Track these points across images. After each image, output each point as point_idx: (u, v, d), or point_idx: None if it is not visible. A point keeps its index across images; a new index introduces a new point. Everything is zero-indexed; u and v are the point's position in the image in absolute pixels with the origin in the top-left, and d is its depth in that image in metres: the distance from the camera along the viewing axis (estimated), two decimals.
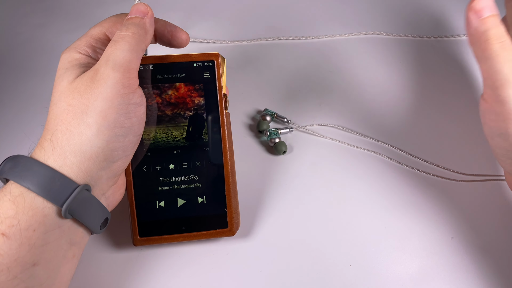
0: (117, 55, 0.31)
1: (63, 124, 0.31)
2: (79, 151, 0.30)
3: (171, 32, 0.37)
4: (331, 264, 0.38)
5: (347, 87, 0.52)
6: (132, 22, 0.33)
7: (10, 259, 0.28)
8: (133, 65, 0.32)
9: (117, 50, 0.31)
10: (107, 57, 0.31)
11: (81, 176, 0.31)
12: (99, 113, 0.30)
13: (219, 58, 0.37)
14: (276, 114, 0.48)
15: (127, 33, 0.32)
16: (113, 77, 0.31)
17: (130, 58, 0.31)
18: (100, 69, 0.31)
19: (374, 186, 0.43)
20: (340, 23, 0.60)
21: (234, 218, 0.37)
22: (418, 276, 0.37)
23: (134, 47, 0.32)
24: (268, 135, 0.46)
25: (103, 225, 0.33)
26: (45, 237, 0.29)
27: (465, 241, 0.39)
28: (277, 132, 0.46)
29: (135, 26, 0.33)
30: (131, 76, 0.32)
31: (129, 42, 0.32)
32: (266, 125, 0.46)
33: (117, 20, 0.36)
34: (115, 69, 0.31)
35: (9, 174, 0.29)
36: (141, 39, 0.33)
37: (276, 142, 0.45)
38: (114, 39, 0.32)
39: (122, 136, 0.32)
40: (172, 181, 0.37)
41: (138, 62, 0.33)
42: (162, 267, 0.37)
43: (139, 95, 0.33)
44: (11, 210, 0.28)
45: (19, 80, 0.52)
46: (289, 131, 0.47)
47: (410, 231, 0.40)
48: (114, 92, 0.31)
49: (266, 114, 0.47)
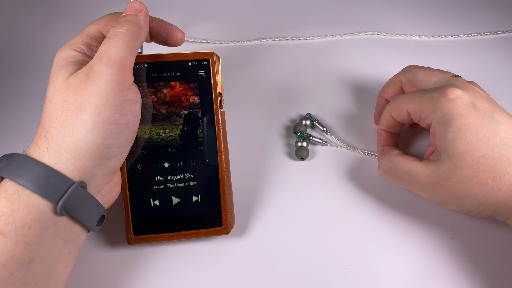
0: (111, 52, 0.31)
1: (58, 121, 0.31)
2: (74, 148, 0.30)
3: (167, 31, 0.38)
4: (330, 264, 0.38)
5: (347, 87, 0.52)
6: (126, 20, 0.34)
7: (6, 256, 0.28)
8: (128, 62, 0.32)
9: (111, 47, 0.31)
10: (102, 54, 0.31)
11: (76, 173, 0.31)
12: (94, 110, 0.30)
13: (214, 57, 0.37)
14: (317, 121, 0.47)
15: (121, 30, 0.32)
16: (107, 73, 0.31)
17: (125, 55, 0.32)
18: (94, 66, 0.31)
19: (374, 186, 0.43)
20: (340, 23, 0.60)
21: (229, 217, 0.37)
22: (418, 276, 0.37)
23: (129, 44, 0.32)
24: (297, 137, 0.45)
25: (99, 222, 0.33)
26: (40, 235, 0.29)
27: (465, 241, 0.39)
28: (308, 138, 0.45)
29: (129, 24, 0.33)
30: (126, 73, 0.32)
31: (123, 39, 0.32)
32: (302, 128, 0.46)
33: (112, 18, 0.36)
34: (109, 66, 0.31)
35: (4, 172, 0.29)
36: (135, 36, 0.33)
37: (302, 146, 0.44)
38: (109, 36, 0.32)
39: (117, 132, 0.32)
40: (167, 180, 0.37)
41: (133, 59, 0.33)
42: (156, 266, 0.37)
43: (134, 91, 0.33)
44: (6, 208, 0.28)
45: (19, 80, 0.52)
46: (322, 144, 0.46)
47: (410, 231, 0.39)
48: (109, 88, 0.31)
49: (306, 118, 0.47)
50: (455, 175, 0.35)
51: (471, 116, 0.35)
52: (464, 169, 0.34)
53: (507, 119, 0.35)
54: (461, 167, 0.34)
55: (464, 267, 0.37)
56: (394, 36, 0.58)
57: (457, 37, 0.58)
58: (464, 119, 0.35)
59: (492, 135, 0.34)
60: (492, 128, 0.35)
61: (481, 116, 0.35)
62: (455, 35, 0.58)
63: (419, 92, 0.38)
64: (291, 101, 0.50)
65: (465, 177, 0.34)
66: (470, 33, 0.58)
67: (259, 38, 0.57)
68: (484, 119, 0.35)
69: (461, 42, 0.57)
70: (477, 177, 0.34)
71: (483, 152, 0.34)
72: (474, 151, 0.34)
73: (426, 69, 0.41)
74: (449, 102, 0.36)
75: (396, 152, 0.39)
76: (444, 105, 0.36)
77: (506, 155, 0.34)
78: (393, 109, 0.41)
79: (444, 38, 0.58)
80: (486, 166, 0.34)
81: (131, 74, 0.33)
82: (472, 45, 0.57)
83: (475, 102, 0.36)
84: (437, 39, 0.58)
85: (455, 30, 0.59)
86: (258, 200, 0.42)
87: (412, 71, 0.42)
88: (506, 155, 0.34)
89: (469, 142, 0.34)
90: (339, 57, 0.55)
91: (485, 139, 0.34)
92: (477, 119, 0.35)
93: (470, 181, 0.34)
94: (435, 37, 0.58)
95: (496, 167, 0.34)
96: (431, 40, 0.57)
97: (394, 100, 0.41)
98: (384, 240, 0.39)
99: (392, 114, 0.41)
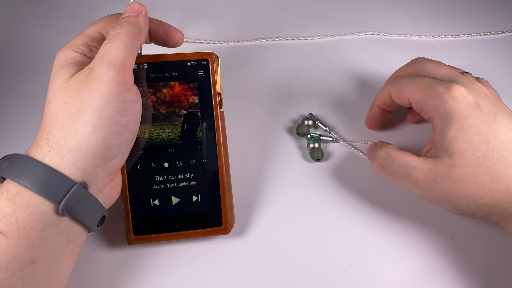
0: (111, 53, 0.31)
1: (59, 122, 0.31)
2: (75, 149, 0.30)
3: (166, 32, 0.38)
4: (330, 264, 0.38)
5: (347, 87, 0.52)
6: (126, 21, 0.34)
7: (8, 257, 0.28)
8: (128, 63, 0.32)
9: (111, 48, 0.31)
10: (102, 55, 0.31)
11: (78, 174, 0.31)
12: (95, 110, 0.31)
13: (214, 57, 0.37)
14: (319, 121, 0.47)
15: (122, 32, 0.33)
16: (108, 75, 0.31)
17: (125, 56, 0.32)
18: (95, 67, 0.31)
19: (374, 186, 0.43)
20: (340, 23, 0.60)
21: (229, 216, 0.37)
22: (418, 276, 0.37)
23: (129, 45, 0.32)
24: (308, 139, 0.45)
25: (100, 223, 0.33)
26: (42, 235, 0.29)
27: (465, 241, 0.39)
28: (319, 138, 0.45)
29: (129, 25, 0.33)
30: (126, 74, 0.32)
31: (123, 40, 0.32)
32: (305, 129, 0.46)
33: (112, 20, 0.36)
34: (110, 67, 0.31)
35: (6, 172, 0.30)
36: (135, 37, 0.33)
37: (314, 147, 0.44)
38: (109, 37, 0.32)
39: (118, 133, 0.32)
40: (166, 180, 0.37)
41: (133, 60, 0.33)
42: (156, 266, 0.37)
43: (134, 92, 0.33)
44: (9, 208, 0.28)
45: (19, 80, 0.52)
46: (332, 141, 0.46)
47: (410, 231, 0.39)
48: (110, 89, 0.31)
49: (308, 118, 0.47)
50: (453, 173, 0.35)
51: (474, 117, 0.35)
52: (463, 168, 0.34)
53: (509, 121, 0.35)
54: (460, 165, 0.34)
55: (464, 267, 0.37)
56: (394, 36, 0.58)
57: (457, 37, 0.58)
58: (466, 119, 0.35)
59: (492, 137, 0.34)
60: (494, 129, 0.35)
61: (484, 117, 0.35)
62: (455, 35, 0.58)
63: (424, 83, 0.38)
64: (291, 101, 0.50)
65: (463, 176, 0.34)
66: (470, 33, 0.58)
67: (259, 38, 0.57)
68: (486, 120, 0.35)
69: (461, 42, 0.57)
70: (475, 177, 0.34)
71: (483, 152, 0.34)
72: (474, 151, 0.34)
73: (435, 62, 0.41)
74: (453, 100, 0.36)
75: (393, 146, 0.39)
76: (447, 103, 0.36)
77: (505, 157, 0.34)
78: (394, 90, 0.40)
79: (444, 38, 0.58)
80: (485, 166, 0.34)
81: (131, 75, 0.33)
82: (472, 45, 0.57)
83: (479, 102, 0.36)
84: (437, 39, 0.58)
85: (455, 30, 0.59)
86: (258, 200, 0.42)
87: (420, 62, 0.41)
88: (505, 157, 0.34)
89: (470, 142, 0.34)
90: (339, 57, 0.55)
91: (485, 140, 0.34)
92: (479, 120, 0.35)
93: (468, 180, 0.34)
94: (435, 37, 0.58)
95: (494, 168, 0.34)
96: (431, 40, 0.57)
97: (397, 81, 0.40)
98: (384, 240, 0.39)
99: (391, 95, 0.41)
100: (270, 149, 0.46)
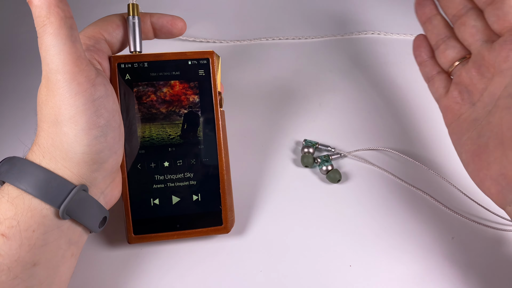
0: (51, 53, 0.28)
1: (44, 131, 0.30)
2: (66, 157, 0.30)
3: (170, 22, 0.38)
4: (330, 264, 0.38)
5: (347, 87, 0.52)
6: (39, 15, 0.28)
7: (11, 259, 0.28)
8: (75, 55, 0.29)
9: (49, 50, 0.28)
10: (46, 61, 0.29)
11: (76, 178, 0.31)
12: (69, 120, 0.29)
13: (214, 56, 0.37)
14: (318, 144, 0.45)
15: (45, 29, 0.28)
16: (63, 80, 0.29)
17: (68, 49, 0.28)
18: (49, 76, 0.29)
19: (374, 185, 0.43)
20: (340, 23, 0.60)
21: (229, 216, 0.37)
22: (418, 276, 0.37)
23: (62, 36, 0.28)
24: (319, 164, 0.43)
25: (101, 224, 0.33)
26: (44, 238, 0.29)
27: (465, 241, 0.39)
28: (328, 158, 0.44)
29: (46, 18, 0.28)
30: (82, 68, 0.29)
31: (52, 34, 0.28)
32: (310, 158, 0.44)
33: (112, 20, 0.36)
34: (59, 71, 0.28)
35: (6, 176, 0.29)
36: (61, 25, 0.28)
37: (328, 169, 0.43)
38: (39, 38, 0.29)
39: (101, 136, 0.31)
40: (166, 179, 0.37)
41: (79, 47, 0.29)
42: (156, 265, 0.37)
43: (101, 85, 0.31)
44: (10, 211, 0.28)
45: (19, 80, 0.52)
46: (340, 157, 0.45)
47: (410, 231, 0.39)
48: (73, 94, 0.29)
49: (308, 146, 0.45)
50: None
51: None
52: None
53: None
54: None
55: (464, 267, 0.37)
56: (394, 36, 0.58)
57: None
58: None
59: None
60: None
61: None
62: None
63: None
64: (291, 100, 0.50)
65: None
66: None
67: (259, 37, 0.57)
68: None
69: None
70: None
71: None
72: None
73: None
74: None
75: None
76: None
77: None
78: None
79: None
80: None
81: (88, 65, 0.30)
82: None
83: None
84: None
85: None
86: (258, 199, 0.42)
87: None
88: None
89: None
90: (339, 57, 0.55)
91: None
92: None
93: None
94: None
95: None
96: None
97: None
98: (384, 240, 0.39)
99: None
100: (270, 149, 0.46)
